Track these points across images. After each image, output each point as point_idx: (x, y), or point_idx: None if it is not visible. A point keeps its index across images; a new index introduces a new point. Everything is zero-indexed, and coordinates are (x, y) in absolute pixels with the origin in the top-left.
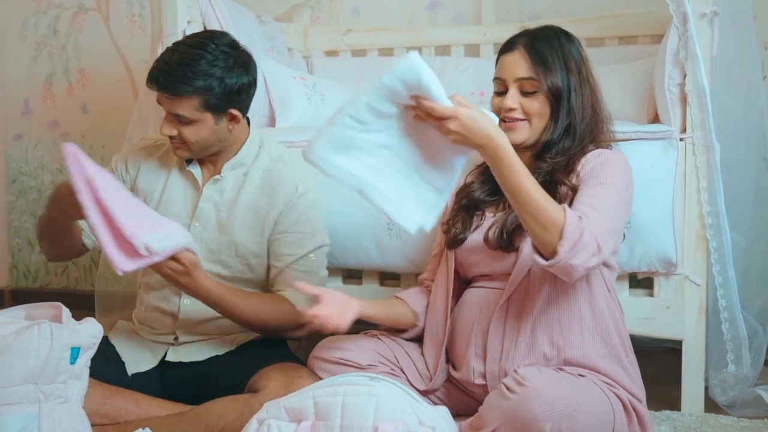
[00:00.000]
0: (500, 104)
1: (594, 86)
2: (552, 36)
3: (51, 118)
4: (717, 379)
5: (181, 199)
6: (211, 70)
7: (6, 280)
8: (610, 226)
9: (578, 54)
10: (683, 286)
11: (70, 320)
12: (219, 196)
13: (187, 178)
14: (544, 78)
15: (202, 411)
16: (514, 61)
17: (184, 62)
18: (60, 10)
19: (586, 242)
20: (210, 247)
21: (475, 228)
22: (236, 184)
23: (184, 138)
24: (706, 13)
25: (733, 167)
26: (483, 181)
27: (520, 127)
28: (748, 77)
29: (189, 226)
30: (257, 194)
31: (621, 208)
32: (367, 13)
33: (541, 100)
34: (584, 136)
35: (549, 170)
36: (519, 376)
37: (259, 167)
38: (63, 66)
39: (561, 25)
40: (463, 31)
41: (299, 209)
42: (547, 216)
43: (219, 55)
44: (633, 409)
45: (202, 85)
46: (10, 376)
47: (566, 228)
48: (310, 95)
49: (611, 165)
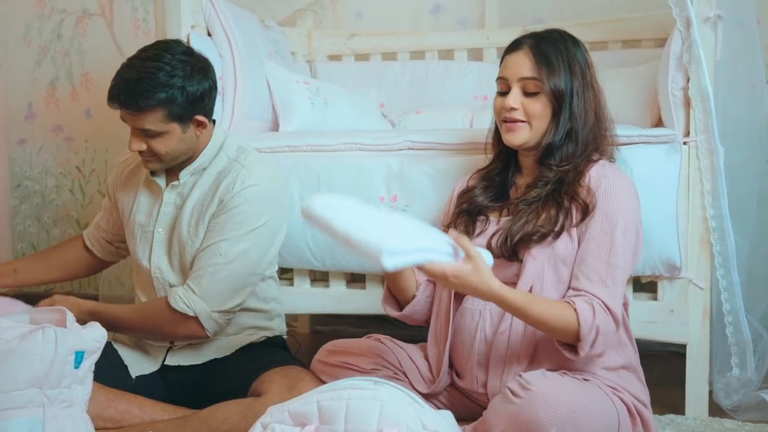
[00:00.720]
0: (502, 104)
1: (598, 92)
2: (558, 39)
3: (55, 123)
4: (721, 382)
5: (147, 208)
6: (171, 80)
7: None
8: (622, 287)
9: (583, 59)
10: (687, 289)
11: (74, 324)
12: (179, 199)
13: (151, 187)
14: (547, 79)
15: (205, 415)
16: (519, 61)
17: (143, 77)
18: (64, 15)
19: (604, 332)
20: (168, 249)
21: (479, 233)
22: (188, 187)
23: (154, 150)
24: (709, 17)
25: (737, 171)
26: (486, 187)
27: (520, 128)
28: (752, 80)
29: (153, 233)
30: (205, 194)
31: (632, 255)
32: (370, 17)
33: (543, 102)
34: (587, 142)
35: (557, 179)
36: (524, 380)
37: (215, 168)
38: (67, 70)
39: (565, 29)
40: (466, 35)
41: (241, 199)
42: (560, 327)
43: (176, 64)
44: (637, 412)
45: (164, 97)
46: (15, 381)
47: (582, 331)
48: (314, 99)
49: (622, 199)
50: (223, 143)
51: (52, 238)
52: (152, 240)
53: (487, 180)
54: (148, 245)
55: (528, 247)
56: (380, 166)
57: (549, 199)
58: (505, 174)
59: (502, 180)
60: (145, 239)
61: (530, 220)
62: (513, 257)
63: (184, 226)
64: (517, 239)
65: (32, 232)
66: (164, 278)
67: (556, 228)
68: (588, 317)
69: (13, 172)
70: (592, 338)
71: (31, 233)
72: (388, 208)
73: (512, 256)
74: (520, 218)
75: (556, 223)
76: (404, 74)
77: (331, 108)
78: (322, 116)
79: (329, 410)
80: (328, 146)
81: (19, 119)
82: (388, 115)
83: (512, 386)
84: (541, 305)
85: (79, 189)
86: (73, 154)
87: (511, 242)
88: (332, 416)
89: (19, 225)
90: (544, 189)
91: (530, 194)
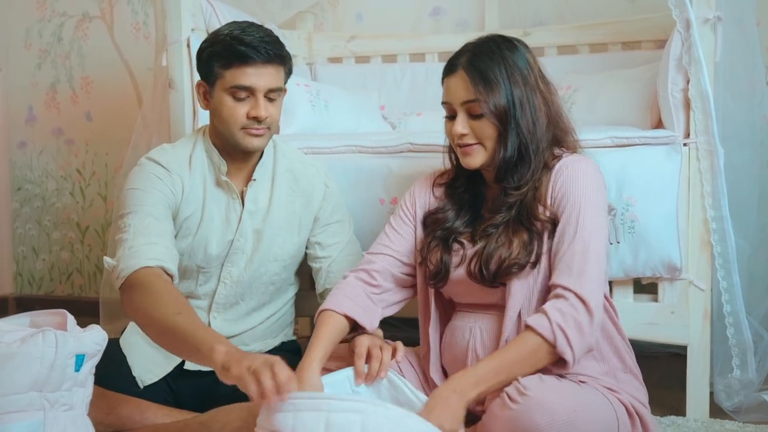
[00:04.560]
0: (451, 130)
1: (546, 93)
2: (493, 49)
3: (55, 126)
4: (722, 384)
5: (221, 214)
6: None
7: (10, 288)
8: (596, 271)
9: (524, 62)
10: (688, 291)
11: (74, 327)
12: (253, 204)
13: (224, 190)
14: (486, 99)
15: (206, 419)
16: (457, 84)
17: (268, 32)
18: (64, 18)
19: (574, 326)
20: (250, 257)
21: (458, 264)
22: (266, 187)
23: (273, 118)
24: (709, 18)
25: (737, 172)
26: (459, 209)
27: (475, 150)
28: (752, 82)
29: (233, 241)
30: (289, 196)
31: (603, 235)
32: (370, 19)
33: (489, 122)
34: (542, 153)
35: (516, 204)
36: (521, 385)
37: (281, 167)
38: (67, 73)
39: (564, 31)
40: (466, 37)
41: (332, 201)
42: (537, 353)
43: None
44: (636, 413)
45: (287, 53)
46: (15, 384)
47: (549, 340)
48: (314, 102)
49: (583, 184)
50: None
51: (52, 242)
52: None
53: (456, 200)
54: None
55: (510, 273)
56: (380, 168)
57: (517, 224)
58: (472, 191)
59: (471, 198)
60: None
61: (502, 244)
62: (495, 283)
63: (274, 229)
64: (495, 267)
65: (33, 235)
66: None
67: (532, 258)
68: (543, 325)
69: (14, 175)
70: (563, 338)
71: (32, 236)
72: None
73: (494, 282)
74: (491, 243)
75: (531, 253)
76: (404, 76)
77: (332, 110)
78: (323, 118)
79: (307, 421)
80: (329, 148)
81: (19, 122)
82: (388, 117)
83: (509, 391)
84: (503, 363)
85: (80, 192)
86: (74, 157)
87: (488, 270)
88: (311, 428)
89: (19, 228)
90: (508, 213)
91: (496, 219)
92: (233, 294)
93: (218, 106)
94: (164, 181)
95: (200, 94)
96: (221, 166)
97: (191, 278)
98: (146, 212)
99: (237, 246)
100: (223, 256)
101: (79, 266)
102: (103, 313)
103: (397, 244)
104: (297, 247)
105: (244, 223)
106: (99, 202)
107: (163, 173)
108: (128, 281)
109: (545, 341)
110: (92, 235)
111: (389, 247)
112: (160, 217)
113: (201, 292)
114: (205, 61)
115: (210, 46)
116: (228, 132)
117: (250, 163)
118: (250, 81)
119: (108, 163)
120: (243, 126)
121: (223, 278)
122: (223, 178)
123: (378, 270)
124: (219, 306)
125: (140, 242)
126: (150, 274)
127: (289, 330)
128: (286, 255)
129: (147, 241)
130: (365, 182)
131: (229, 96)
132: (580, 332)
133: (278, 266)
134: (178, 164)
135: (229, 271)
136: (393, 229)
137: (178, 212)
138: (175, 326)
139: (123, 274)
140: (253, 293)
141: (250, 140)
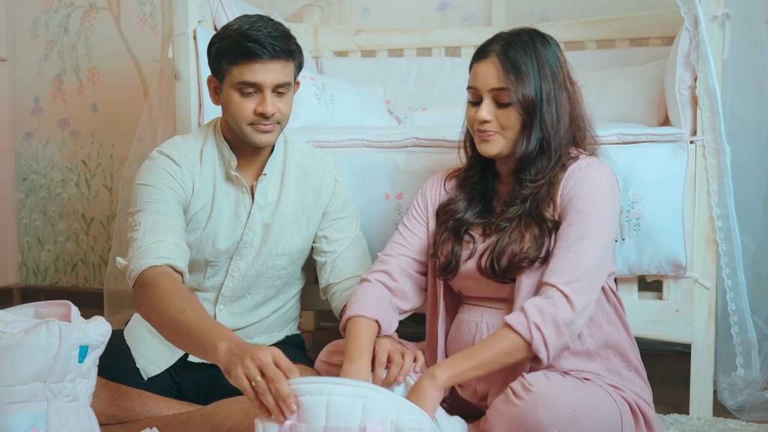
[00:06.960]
0: (475, 116)
1: (572, 93)
2: (527, 42)
3: (61, 117)
4: (726, 382)
5: (231, 209)
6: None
7: (15, 278)
8: (590, 274)
9: (555, 59)
10: (693, 289)
11: (78, 319)
12: (263, 198)
13: (234, 184)
14: (516, 89)
15: (209, 411)
16: (487, 70)
17: (277, 27)
18: (71, 9)
19: (553, 324)
20: (258, 251)
21: (468, 257)
22: (276, 181)
23: (282, 113)
24: (717, 15)
25: (744, 170)
26: (470, 199)
27: (495, 138)
28: (760, 80)
29: (242, 236)
30: (298, 190)
31: (605, 240)
32: (377, 13)
33: (514, 112)
34: (561, 150)
35: (530, 197)
36: (525, 381)
37: (291, 162)
38: (73, 65)
39: (571, 27)
40: (473, 32)
41: (342, 196)
42: (509, 359)
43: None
44: (640, 410)
45: (296, 47)
46: (19, 374)
47: (525, 337)
48: (320, 95)
49: (592, 188)
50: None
51: (57, 232)
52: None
53: (468, 191)
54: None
55: (521, 268)
56: (386, 163)
57: (529, 218)
58: (484, 182)
59: (483, 189)
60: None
61: (515, 239)
62: (505, 279)
63: (283, 224)
64: (506, 262)
65: (38, 226)
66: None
67: (542, 253)
68: (521, 322)
69: (20, 165)
70: (539, 337)
71: (37, 227)
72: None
73: (504, 277)
74: (504, 237)
75: (541, 247)
76: (411, 71)
77: (338, 104)
78: (329, 112)
79: (309, 405)
80: (334, 142)
81: (25, 113)
82: (394, 112)
83: (514, 387)
84: (486, 352)
85: (85, 183)
86: (79, 148)
87: (499, 265)
88: (312, 412)
89: (24, 218)
90: (522, 206)
91: (510, 212)
92: (240, 287)
93: (227, 102)
94: (175, 177)
95: (211, 89)
96: (231, 161)
97: (199, 271)
98: (156, 209)
99: (246, 240)
100: (231, 250)
101: (84, 257)
102: (108, 305)
103: (412, 243)
104: (305, 241)
105: (254, 217)
106: (104, 194)
107: (174, 168)
108: (138, 281)
109: (522, 338)
110: (97, 227)
111: (404, 246)
112: (169, 213)
113: (208, 285)
114: (213, 56)
115: (218, 41)
116: (237, 127)
117: (261, 157)
118: (257, 77)
119: (114, 155)
120: (251, 122)
121: (231, 271)
122: (233, 173)
123: (395, 270)
124: (225, 299)
125: (149, 241)
126: (158, 273)
127: (294, 324)
128: (294, 249)
129: (156, 239)
130: (370, 177)
131: (237, 92)
132: (557, 331)
133: (285, 260)
134: (189, 159)
135: (237, 264)
136: (407, 228)
137: (188, 207)
138: (180, 324)
139: (133, 274)
140: (260, 287)
141: (259, 136)
